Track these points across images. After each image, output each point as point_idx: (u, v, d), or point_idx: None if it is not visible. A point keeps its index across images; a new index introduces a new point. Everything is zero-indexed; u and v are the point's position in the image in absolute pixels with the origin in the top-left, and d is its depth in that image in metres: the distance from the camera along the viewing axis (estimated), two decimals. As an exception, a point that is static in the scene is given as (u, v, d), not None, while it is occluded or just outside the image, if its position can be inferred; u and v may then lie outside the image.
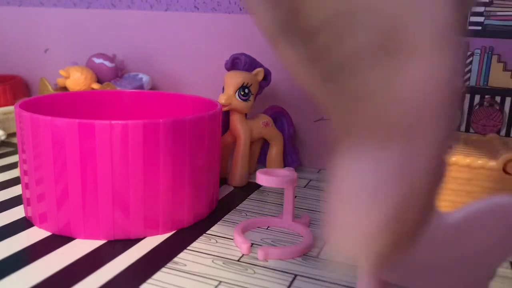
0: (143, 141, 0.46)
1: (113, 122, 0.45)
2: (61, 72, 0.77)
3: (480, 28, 0.64)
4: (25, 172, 0.49)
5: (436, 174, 0.23)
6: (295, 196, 0.63)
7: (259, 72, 0.67)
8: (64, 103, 0.62)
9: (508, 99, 0.65)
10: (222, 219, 0.54)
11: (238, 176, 0.66)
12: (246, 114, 0.69)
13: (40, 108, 0.57)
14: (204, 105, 0.62)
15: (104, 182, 0.46)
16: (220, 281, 0.41)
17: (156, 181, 0.48)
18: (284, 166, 0.72)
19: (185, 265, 0.43)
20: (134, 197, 0.47)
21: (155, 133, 0.47)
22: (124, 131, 0.45)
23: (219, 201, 0.60)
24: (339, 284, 0.41)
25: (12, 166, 0.70)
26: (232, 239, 0.49)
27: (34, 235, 0.48)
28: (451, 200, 0.57)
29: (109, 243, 0.47)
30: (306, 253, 0.47)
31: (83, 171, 0.46)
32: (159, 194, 0.48)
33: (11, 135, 0.87)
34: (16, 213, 0.53)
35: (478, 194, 0.54)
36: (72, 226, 0.47)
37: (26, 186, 0.50)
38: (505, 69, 0.64)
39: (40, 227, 0.49)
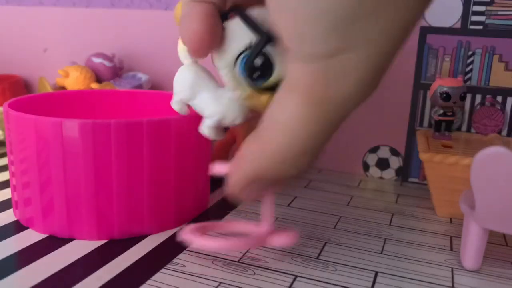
0: (147, 141, 0.46)
1: (113, 121, 0.45)
2: (60, 72, 0.77)
3: (481, 27, 0.64)
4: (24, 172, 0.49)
5: None
6: (295, 197, 0.62)
7: (259, 72, 0.67)
8: (59, 102, 0.61)
9: (509, 99, 0.65)
10: (222, 219, 0.54)
11: (238, 176, 0.65)
12: (246, 114, 0.68)
13: (34, 107, 0.57)
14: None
15: (104, 182, 0.46)
16: (220, 282, 0.41)
17: (157, 180, 0.48)
18: (284, 166, 0.72)
19: (185, 266, 0.43)
20: (134, 197, 0.47)
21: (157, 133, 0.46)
22: (125, 131, 0.45)
23: (219, 201, 0.60)
24: (339, 285, 0.41)
25: (11, 165, 0.70)
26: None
27: (33, 235, 0.48)
28: (451, 200, 0.57)
29: (109, 243, 0.47)
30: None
31: (83, 170, 0.45)
32: (160, 193, 0.48)
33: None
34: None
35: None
36: (72, 226, 0.47)
37: (26, 186, 0.50)
38: (506, 69, 0.64)
39: (39, 227, 0.49)
